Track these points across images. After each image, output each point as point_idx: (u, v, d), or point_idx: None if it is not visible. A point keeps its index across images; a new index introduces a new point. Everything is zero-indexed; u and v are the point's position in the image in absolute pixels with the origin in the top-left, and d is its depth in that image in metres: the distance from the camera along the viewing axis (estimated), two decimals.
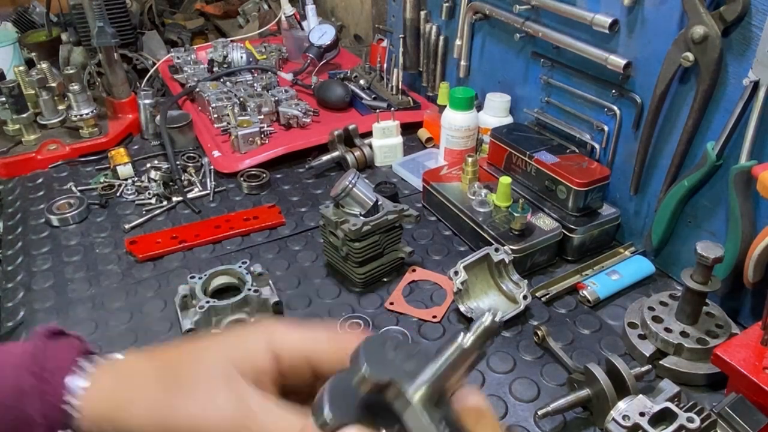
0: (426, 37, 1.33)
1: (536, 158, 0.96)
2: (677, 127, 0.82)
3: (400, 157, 1.23)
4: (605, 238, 0.96)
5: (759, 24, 0.69)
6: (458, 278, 0.81)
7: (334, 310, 0.86)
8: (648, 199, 0.91)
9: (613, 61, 0.87)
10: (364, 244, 0.85)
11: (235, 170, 1.17)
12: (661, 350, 0.74)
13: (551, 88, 1.04)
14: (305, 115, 1.29)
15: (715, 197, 0.80)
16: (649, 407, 0.58)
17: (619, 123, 0.92)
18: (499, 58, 1.16)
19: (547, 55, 1.02)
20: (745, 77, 0.71)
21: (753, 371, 0.62)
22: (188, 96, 1.44)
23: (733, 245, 0.75)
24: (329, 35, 1.54)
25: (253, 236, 1.02)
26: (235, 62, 1.54)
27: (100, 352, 0.44)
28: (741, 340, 0.66)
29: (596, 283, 0.86)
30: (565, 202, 0.93)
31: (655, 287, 0.88)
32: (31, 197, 1.14)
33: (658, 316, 0.76)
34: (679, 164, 0.82)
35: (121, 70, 1.32)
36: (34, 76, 1.22)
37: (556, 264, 0.94)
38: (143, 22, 1.81)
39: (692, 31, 0.74)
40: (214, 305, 0.80)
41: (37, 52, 1.49)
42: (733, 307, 0.80)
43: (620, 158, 0.94)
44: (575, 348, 0.78)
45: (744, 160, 0.72)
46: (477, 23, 1.18)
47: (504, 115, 1.12)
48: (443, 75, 1.34)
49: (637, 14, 0.84)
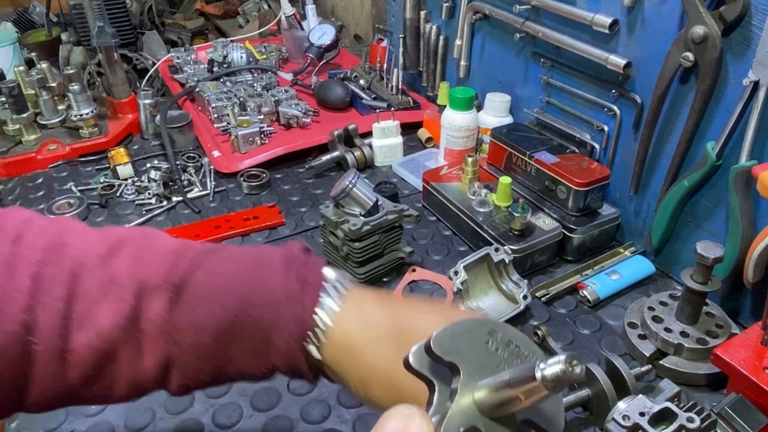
0: (426, 37, 1.33)
1: (536, 158, 0.96)
2: (677, 127, 0.82)
3: (400, 157, 1.23)
4: (605, 238, 0.96)
5: (759, 24, 0.69)
6: (458, 278, 0.81)
7: None
8: (648, 199, 0.91)
9: (613, 61, 0.87)
10: (364, 244, 0.85)
11: (235, 170, 1.17)
12: (661, 350, 0.74)
13: (551, 88, 1.04)
14: (305, 115, 1.29)
15: (715, 197, 0.80)
16: (649, 407, 0.58)
17: (619, 123, 0.92)
18: (499, 58, 1.16)
19: (547, 55, 1.02)
20: (745, 77, 0.71)
21: (753, 371, 0.62)
22: (188, 96, 1.44)
23: (733, 245, 0.75)
24: (329, 35, 1.54)
25: (253, 236, 1.01)
26: (235, 62, 1.54)
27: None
28: (741, 340, 0.66)
29: (596, 283, 0.86)
30: (565, 202, 0.93)
31: (655, 287, 0.88)
32: (31, 197, 1.14)
33: (658, 316, 0.76)
34: (679, 164, 0.82)
35: (121, 70, 1.32)
36: (34, 76, 1.22)
37: (556, 264, 0.94)
38: (143, 22, 1.81)
39: (692, 31, 0.74)
40: None
41: (37, 52, 1.49)
42: (733, 307, 0.80)
43: (620, 158, 0.94)
44: (575, 348, 0.78)
45: (744, 160, 0.72)
46: (477, 23, 1.18)
47: (504, 115, 1.12)
48: (443, 75, 1.34)
49: (637, 14, 0.84)
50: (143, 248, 0.43)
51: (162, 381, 0.42)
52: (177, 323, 0.40)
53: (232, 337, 0.40)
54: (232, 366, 0.42)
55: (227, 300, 0.40)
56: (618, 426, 0.57)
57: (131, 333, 0.39)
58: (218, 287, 0.41)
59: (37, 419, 0.70)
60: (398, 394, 0.37)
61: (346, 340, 0.40)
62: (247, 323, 0.40)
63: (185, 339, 0.40)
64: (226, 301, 0.40)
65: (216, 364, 0.41)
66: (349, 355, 0.40)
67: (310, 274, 0.42)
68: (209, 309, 0.40)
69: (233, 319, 0.40)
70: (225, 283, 0.41)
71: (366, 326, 0.40)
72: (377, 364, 0.39)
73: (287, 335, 0.40)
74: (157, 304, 0.40)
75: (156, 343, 0.40)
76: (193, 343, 0.40)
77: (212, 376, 0.42)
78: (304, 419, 0.69)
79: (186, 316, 0.40)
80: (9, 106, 1.20)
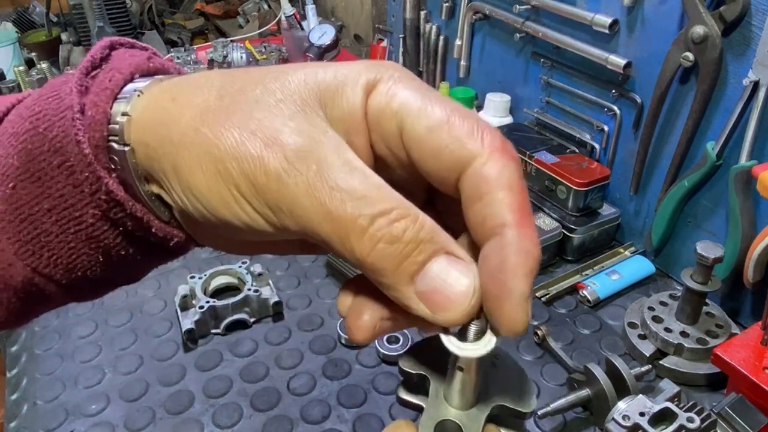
0: (426, 37, 1.33)
1: (536, 158, 0.96)
2: (677, 127, 0.82)
3: None
4: (605, 238, 0.96)
5: (759, 24, 0.69)
6: None
7: (334, 310, 0.86)
8: (648, 199, 0.91)
9: (613, 61, 0.87)
10: None
11: None
12: (661, 350, 0.74)
13: (551, 88, 1.04)
14: None
15: (715, 197, 0.80)
16: (649, 407, 0.58)
17: (619, 123, 0.92)
18: (499, 58, 1.16)
19: (547, 55, 1.02)
20: (745, 77, 0.71)
21: (753, 371, 0.62)
22: None
23: (733, 245, 0.75)
24: (329, 35, 1.54)
25: None
26: (235, 62, 1.53)
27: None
28: (741, 340, 0.66)
29: (596, 283, 0.86)
30: (565, 202, 0.93)
31: (655, 287, 0.88)
32: None
33: (658, 316, 0.76)
34: (679, 164, 0.82)
35: None
36: (34, 76, 1.23)
37: (556, 264, 0.94)
38: (143, 22, 1.81)
39: (692, 31, 0.74)
40: (214, 305, 0.80)
41: (37, 52, 1.49)
42: (733, 307, 0.80)
43: (620, 158, 0.94)
44: (575, 348, 0.78)
45: (744, 160, 0.72)
46: (477, 23, 1.18)
47: (504, 115, 1.12)
48: (443, 75, 1.34)
49: (637, 14, 0.84)
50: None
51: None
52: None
53: (34, 170, 0.28)
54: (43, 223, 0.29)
55: (22, 125, 0.29)
56: (618, 426, 0.57)
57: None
58: (17, 117, 0.29)
59: (37, 419, 0.70)
60: (225, 181, 0.25)
61: (145, 119, 0.27)
62: (39, 142, 0.28)
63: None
64: (21, 127, 0.29)
65: (37, 219, 0.29)
66: (156, 128, 0.27)
67: (100, 83, 0.28)
68: (9, 144, 0.29)
69: (28, 146, 0.28)
70: (24, 108, 0.29)
71: (177, 95, 0.27)
72: (192, 126, 0.25)
73: (82, 142, 0.27)
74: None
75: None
76: (3, 198, 0.29)
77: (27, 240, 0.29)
78: (304, 419, 0.69)
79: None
80: None
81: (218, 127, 0.25)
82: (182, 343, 0.80)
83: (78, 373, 0.76)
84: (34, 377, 0.76)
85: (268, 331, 0.82)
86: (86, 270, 0.31)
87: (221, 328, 0.81)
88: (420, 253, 0.24)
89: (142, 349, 0.80)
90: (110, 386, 0.74)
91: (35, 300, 0.33)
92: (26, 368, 0.77)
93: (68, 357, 0.78)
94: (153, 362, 0.78)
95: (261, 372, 0.76)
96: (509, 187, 0.24)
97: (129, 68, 0.29)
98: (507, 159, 0.25)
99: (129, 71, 0.29)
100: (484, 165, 0.25)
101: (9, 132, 0.29)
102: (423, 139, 0.25)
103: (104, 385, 0.74)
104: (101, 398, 0.72)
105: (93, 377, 0.75)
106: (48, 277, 0.31)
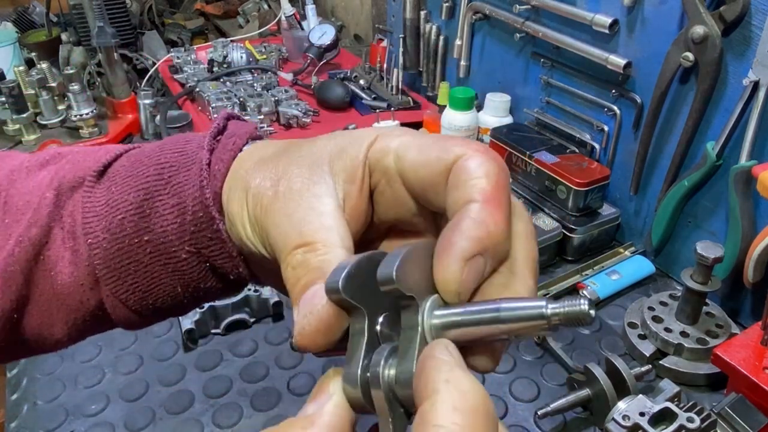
0: (426, 37, 1.33)
1: (536, 158, 0.96)
2: (677, 127, 0.82)
3: None
4: (605, 238, 0.96)
5: (759, 24, 0.69)
6: None
7: None
8: (648, 199, 0.91)
9: (613, 61, 0.87)
10: None
11: None
12: (661, 350, 0.74)
13: (551, 88, 1.04)
14: (305, 115, 1.29)
15: (715, 197, 0.80)
16: (649, 407, 0.58)
17: (619, 123, 0.92)
18: (499, 58, 1.16)
19: (547, 55, 1.02)
20: (745, 77, 0.71)
21: (753, 371, 0.62)
22: (188, 96, 1.43)
23: (733, 245, 0.75)
24: (329, 35, 1.54)
25: None
26: (235, 62, 1.54)
27: None
28: (741, 340, 0.66)
29: (596, 283, 0.86)
30: (565, 202, 0.93)
31: (655, 287, 0.88)
32: None
33: (658, 316, 0.76)
34: (679, 164, 0.82)
35: (121, 70, 1.32)
36: (34, 76, 1.22)
37: (556, 264, 0.94)
38: (143, 22, 1.81)
39: (692, 31, 0.74)
40: (214, 305, 0.80)
41: (37, 52, 1.49)
42: (733, 307, 0.80)
43: (620, 158, 0.94)
44: (575, 348, 0.78)
45: (744, 160, 0.72)
46: (477, 23, 1.18)
47: (504, 115, 1.12)
48: (443, 75, 1.34)
49: (637, 14, 0.84)
50: (79, 153, 0.39)
51: (91, 292, 0.36)
52: (90, 210, 0.35)
53: (147, 208, 0.35)
54: (149, 244, 0.35)
55: (145, 171, 0.35)
56: (618, 426, 0.57)
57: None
58: (137, 163, 0.36)
59: (37, 419, 0.70)
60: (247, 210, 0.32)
61: (234, 170, 0.34)
62: (161, 186, 0.35)
63: (97, 226, 0.35)
64: (143, 172, 0.35)
65: (133, 249, 0.35)
66: (233, 180, 0.34)
67: (234, 137, 0.36)
68: (125, 184, 0.35)
69: (148, 188, 0.35)
70: (144, 158, 0.36)
71: (253, 151, 0.35)
72: (257, 185, 0.32)
73: (193, 182, 0.34)
74: (77, 195, 0.36)
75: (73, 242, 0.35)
76: (107, 228, 0.35)
77: (132, 263, 0.35)
78: None
79: (102, 198, 0.36)
80: (9, 106, 1.20)
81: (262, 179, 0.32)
82: (182, 343, 0.80)
83: (78, 373, 0.76)
84: (34, 377, 0.76)
85: (268, 331, 0.82)
86: (158, 298, 0.37)
87: (221, 328, 0.81)
88: (306, 277, 0.27)
89: (142, 349, 0.80)
90: (110, 386, 0.74)
91: (98, 323, 0.39)
92: (26, 368, 0.77)
93: (68, 357, 0.78)
94: (153, 362, 0.78)
95: (261, 372, 0.76)
96: (485, 175, 0.27)
97: (246, 135, 0.36)
98: (488, 157, 0.28)
99: (246, 137, 0.36)
100: (466, 160, 0.27)
101: (124, 175, 0.36)
102: (416, 157, 0.29)
103: (104, 385, 0.74)
104: (101, 398, 0.72)
105: (93, 377, 0.75)
106: (123, 301, 0.36)
